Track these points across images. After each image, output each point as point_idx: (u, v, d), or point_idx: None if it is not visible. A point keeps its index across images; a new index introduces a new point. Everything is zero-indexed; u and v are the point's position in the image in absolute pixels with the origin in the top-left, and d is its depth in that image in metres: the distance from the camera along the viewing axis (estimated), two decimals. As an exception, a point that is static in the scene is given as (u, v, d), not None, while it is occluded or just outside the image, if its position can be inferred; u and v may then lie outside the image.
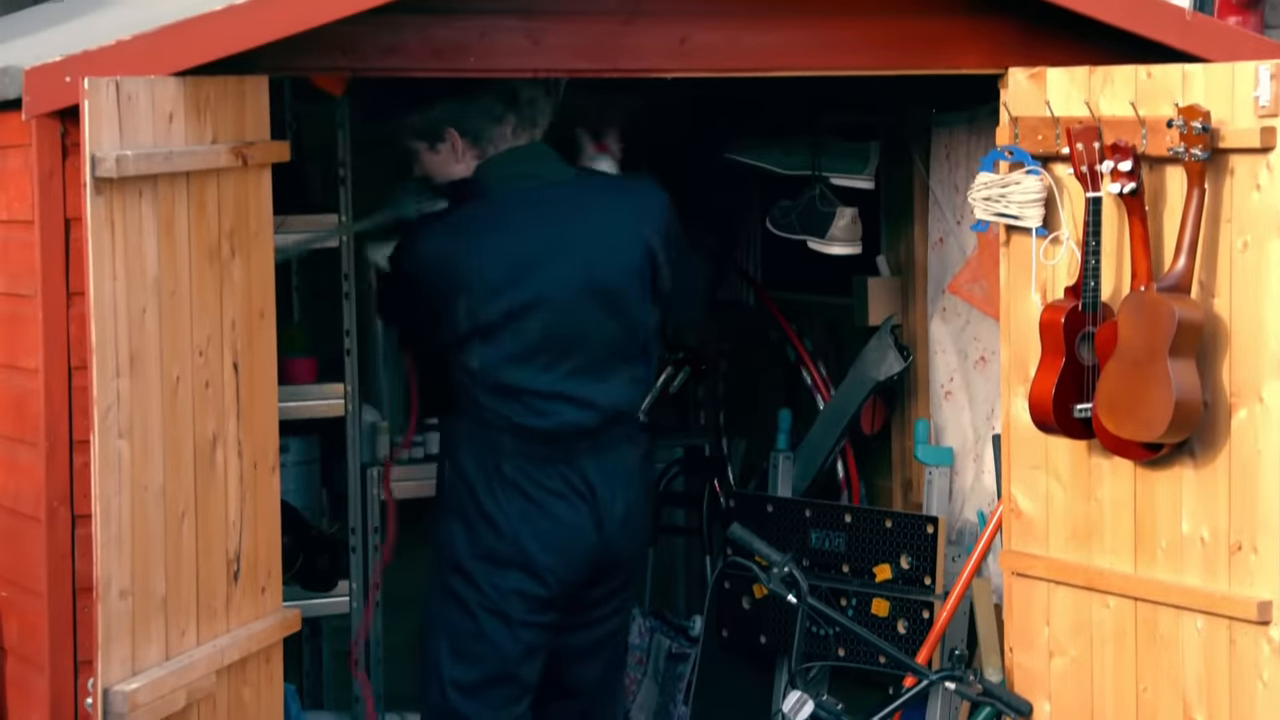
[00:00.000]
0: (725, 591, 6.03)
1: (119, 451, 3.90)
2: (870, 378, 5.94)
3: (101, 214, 3.84)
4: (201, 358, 4.13)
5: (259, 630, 4.32)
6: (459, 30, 4.44)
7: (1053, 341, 4.61)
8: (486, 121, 5.06)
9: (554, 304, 4.93)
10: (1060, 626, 4.81)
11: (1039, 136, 4.74)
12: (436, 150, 5.09)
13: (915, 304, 5.96)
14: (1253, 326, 4.43)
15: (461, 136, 5.05)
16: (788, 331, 6.31)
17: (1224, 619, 4.48)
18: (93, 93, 3.82)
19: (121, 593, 3.91)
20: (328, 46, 4.29)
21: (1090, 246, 4.55)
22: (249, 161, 4.25)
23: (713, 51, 4.64)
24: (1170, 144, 4.40)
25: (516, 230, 4.96)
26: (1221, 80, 4.44)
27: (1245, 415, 4.45)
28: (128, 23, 4.53)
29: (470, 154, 5.08)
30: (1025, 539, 4.88)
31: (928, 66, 4.84)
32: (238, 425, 4.24)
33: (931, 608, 5.59)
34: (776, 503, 6.01)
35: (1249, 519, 4.44)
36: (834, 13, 4.70)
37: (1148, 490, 4.63)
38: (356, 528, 5.73)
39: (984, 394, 5.75)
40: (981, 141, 5.51)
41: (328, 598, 5.56)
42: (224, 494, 4.21)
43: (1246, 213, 4.42)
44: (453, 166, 5.10)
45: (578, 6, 4.52)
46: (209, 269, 4.15)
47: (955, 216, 5.80)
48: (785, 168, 6.03)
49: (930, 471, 5.83)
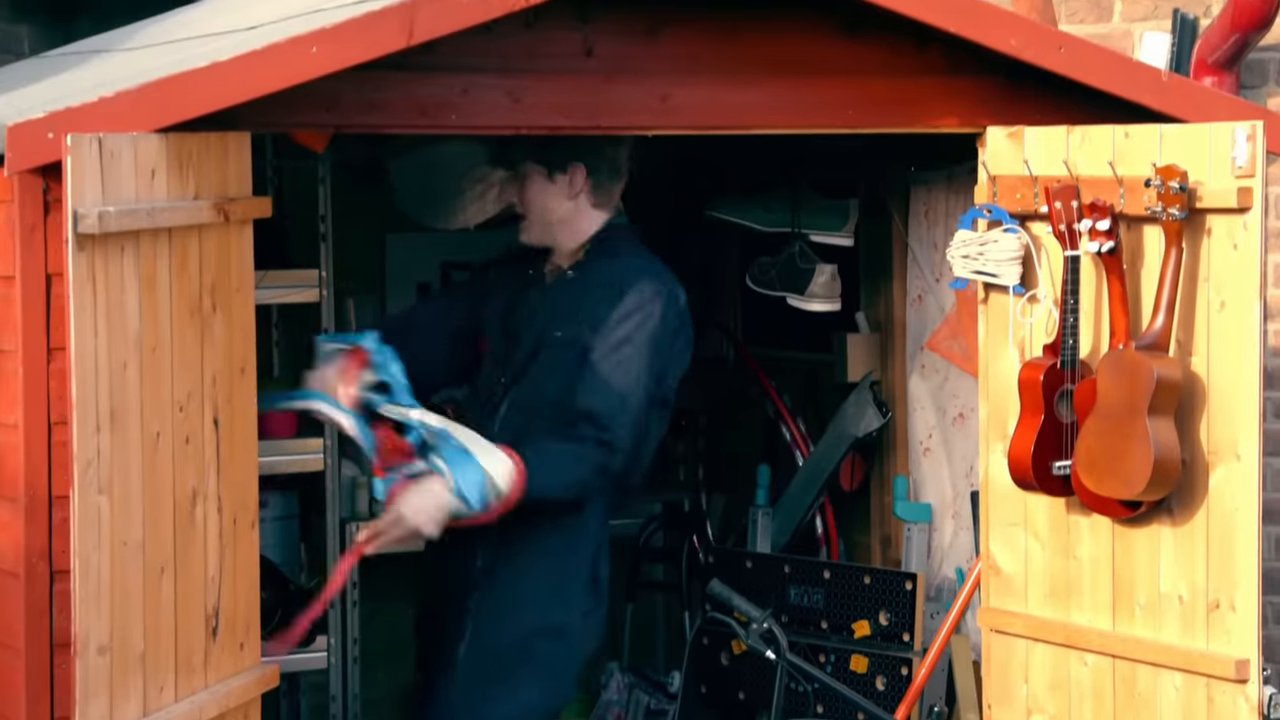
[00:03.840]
0: (704, 647, 6.03)
1: (99, 507, 3.90)
2: (849, 434, 5.95)
3: (83, 269, 3.85)
4: (182, 413, 4.12)
5: (237, 686, 4.30)
6: (441, 87, 4.45)
7: (1031, 399, 4.63)
8: (613, 172, 4.90)
9: None
10: (1039, 684, 4.81)
11: (1017, 195, 4.76)
12: (552, 179, 4.85)
13: (894, 360, 5.98)
14: (1230, 385, 4.44)
15: (589, 175, 4.87)
16: (767, 387, 6.32)
17: (1202, 677, 4.48)
18: (75, 149, 3.83)
19: (100, 649, 3.90)
20: (311, 103, 4.30)
21: (1069, 304, 4.58)
22: (231, 217, 4.26)
23: (693, 109, 4.66)
24: (1148, 203, 4.42)
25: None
26: (1198, 141, 4.47)
27: (1223, 473, 4.46)
28: (111, 79, 4.55)
29: (586, 197, 4.88)
30: (1004, 596, 4.89)
31: (906, 125, 4.86)
32: (218, 480, 4.24)
33: (910, 664, 5.59)
34: (755, 558, 6.01)
35: (1227, 577, 4.45)
36: (813, 73, 4.73)
37: (1126, 548, 4.64)
38: (335, 583, 5.72)
39: (962, 451, 5.76)
40: (960, 199, 5.54)
41: (306, 653, 5.54)
42: (203, 549, 4.20)
43: (1224, 272, 4.45)
44: (558, 202, 4.86)
45: (559, 65, 4.54)
46: (190, 324, 4.15)
47: (934, 274, 5.83)
48: (765, 224, 6.06)
49: (909, 528, 5.84)
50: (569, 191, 4.87)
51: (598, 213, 4.92)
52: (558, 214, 4.89)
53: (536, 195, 4.89)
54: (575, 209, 4.88)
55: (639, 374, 4.76)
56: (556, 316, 4.87)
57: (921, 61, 4.80)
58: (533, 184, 4.88)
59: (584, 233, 4.92)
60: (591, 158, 4.85)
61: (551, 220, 4.90)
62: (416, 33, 4.24)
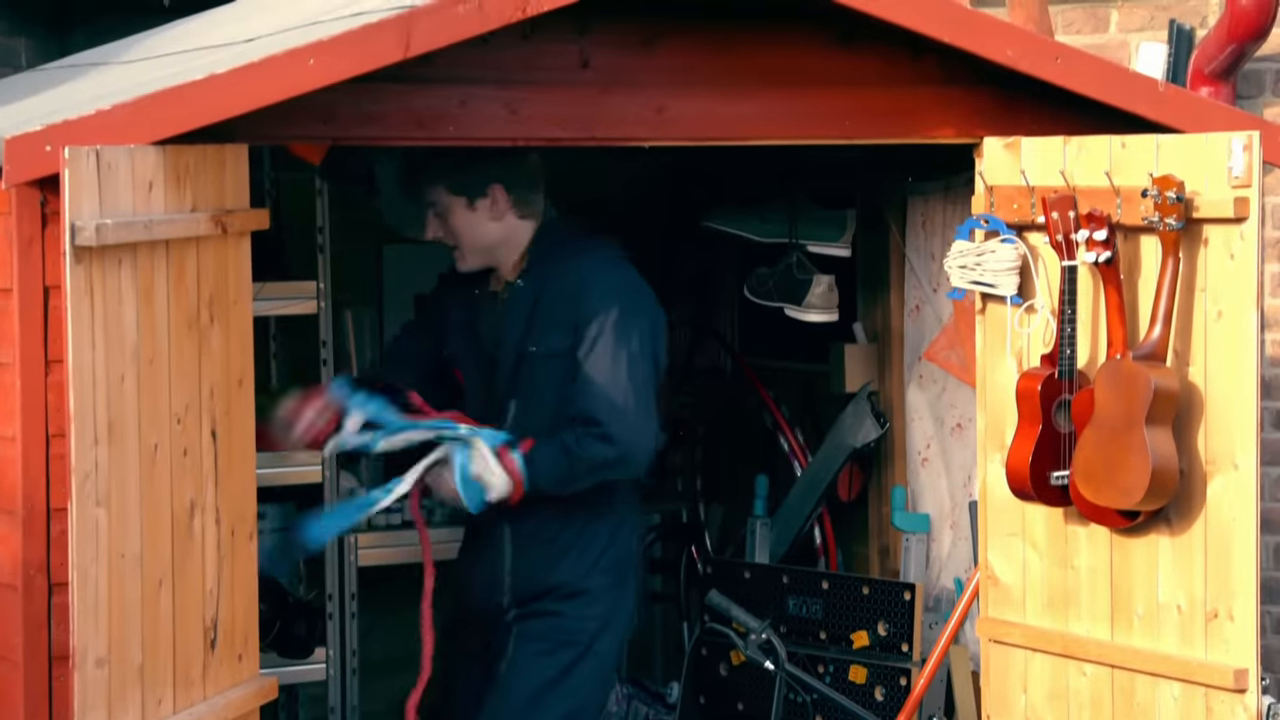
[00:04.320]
0: (702, 658, 6.03)
1: (96, 520, 3.90)
2: (847, 444, 5.95)
3: (81, 282, 3.85)
4: (180, 425, 4.13)
5: (235, 698, 4.30)
6: (439, 99, 4.46)
7: (1029, 409, 4.63)
8: (531, 181, 4.92)
9: None
10: (1037, 694, 4.81)
11: (1014, 205, 4.76)
12: (474, 206, 4.89)
13: (892, 371, 5.98)
14: (1227, 395, 4.45)
15: (509, 191, 4.89)
16: (765, 398, 6.32)
17: (1200, 686, 4.48)
18: (73, 162, 3.84)
19: (98, 661, 3.90)
20: (308, 115, 4.30)
21: (1066, 315, 4.58)
22: (228, 229, 4.26)
23: (689, 121, 4.67)
24: (1145, 213, 4.43)
25: None
26: (1195, 151, 4.48)
27: (1221, 483, 4.46)
28: (108, 91, 4.55)
29: (511, 214, 4.91)
30: (1002, 606, 4.89)
31: (902, 136, 4.87)
32: (215, 492, 4.24)
33: (909, 674, 5.59)
34: (754, 569, 6.01)
35: (1225, 586, 4.45)
36: (809, 84, 4.73)
37: (1124, 558, 4.64)
38: (334, 594, 5.72)
39: (960, 461, 5.76)
40: (957, 210, 5.54)
41: (304, 665, 5.55)
42: (201, 561, 4.20)
43: (1221, 282, 4.45)
44: (486, 227, 4.91)
45: (555, 76, 4.55)
46: (188, 337, 4.15)
47: (931, 284, 5.83)
48: (762, 235, 6.06)
49: (907, 538, 5.83)
50: (494, 213, 4.91)
51: (526, 223, 4.96)
52: (490, 237, 4.93)
53: (463, 225, 4.91)
54: (505, 227, 4.92)
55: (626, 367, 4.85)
56: (525, 329, 4.93)
57: (917, 72, 4.81)
58: (456, 215, 4.91)
59: (520, 245, 4.97)
60: (506, 174, 4.88)
61: (486, 245, 4.94)
62: (413, 45, 4.25)
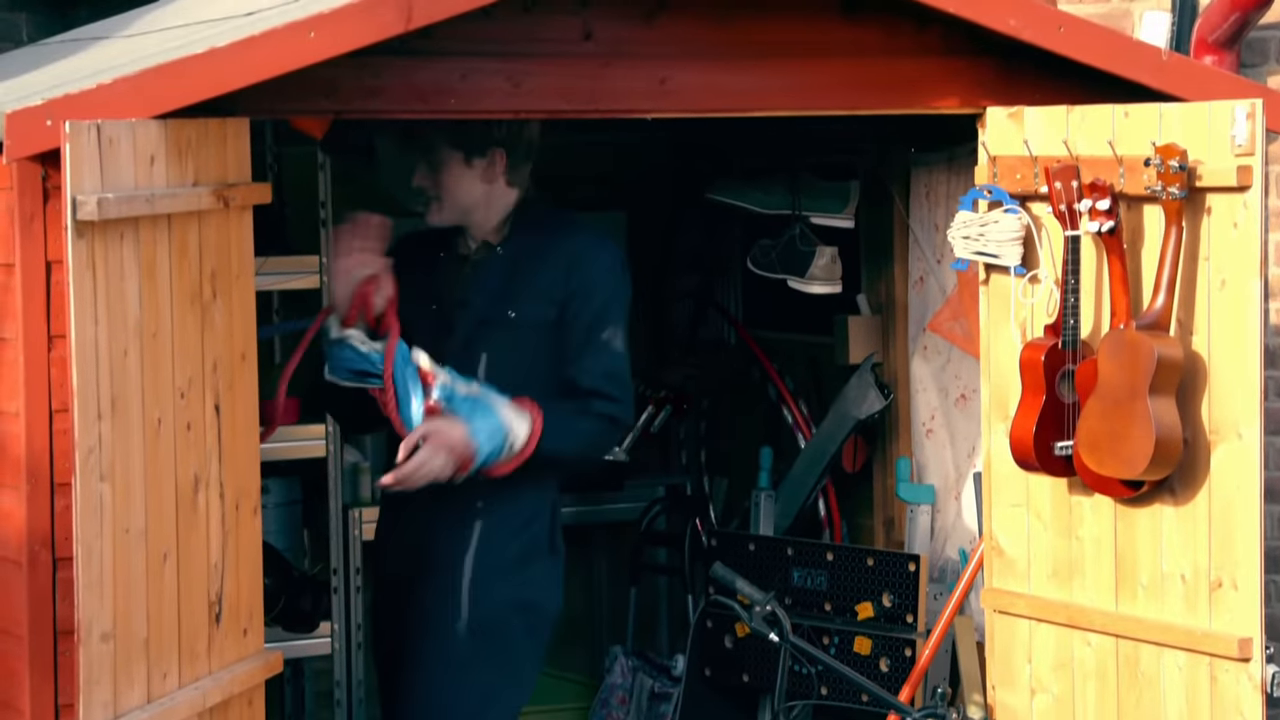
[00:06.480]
0: (708, 630, 6.03)
1: (100, 494, 3.90)
2: (851, 416, 5.95)
3: (83, 257, 3.84)
4: (183, 400, 4.13)
5: (241, 672, 4.31)
6: (441, 73, 4.45)
7: (1033, 379, 4.63)
8: (528, 153, 4.91)
9: None
10: (1042, 664, 4.81)
11: (1017, 175, 4.76)
12: (470, 164, 4.86)
13: (896, 342, 5.98)
14: (1231, 364, 4.44)
15: (508, 157, 4.87)
16: (769, 370, 6.32)
17: (1205, 656, 4.49)
18: (74, 136, 3.83)
19: (103, 636, 3.90)
20: (310, 89, 4.29)
21: (1069, 285, 4.57)
22: (230, 204, 4.25)
23: (692, 93, 4.66)
24: (1148, 183, 4.42)
25: None
26: (1198, 119, 4.47)
27: (1224, 452, 4.46)
28: (109, 65, 4.54)
29: (502, 179, 4.89)
30: (1007, 577, 4.89)
31: (905, 107, 4.86)
32: (219, 467, 4.24)
33: (914, 645, 5.59)
34: (758, 541, 6.01)
35: (1229, 556, 4.45)
36: (812, 55, 4.72)
37: (1128, 528, 4.64)
38: (339, 568, 5.73)
39: (965, 432, 5.76)
40: (960, 180, 5.53)
41: (310, 639, 5.55)
42: (205, 536, 4.20)
43: (1224, 251, 4.44)
44: (474, 185, 4.87)
45: (557, 49, 4.54)
46: (190, 311, 4.15)
47: (935, 255, 5.82)
48: (765, 207, 6.06)
49: (912, 509, 5.84)
50: (487, 175, 4.89)
51: (512, 190, 4.94)
52: (474, 197, 4.90)
53: (453, 180, 4.89)
54: (492, 191, 4.90)
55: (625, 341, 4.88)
56: (499, 294, 4.90)
57: (920, 42, 4.80)
58: (450, 169, 4.88)
59: (501, 212, 4.94)
60: (510, 140, 4.87)
61: (468, 204, 4.91)
62: (415, 17, 4.24)
